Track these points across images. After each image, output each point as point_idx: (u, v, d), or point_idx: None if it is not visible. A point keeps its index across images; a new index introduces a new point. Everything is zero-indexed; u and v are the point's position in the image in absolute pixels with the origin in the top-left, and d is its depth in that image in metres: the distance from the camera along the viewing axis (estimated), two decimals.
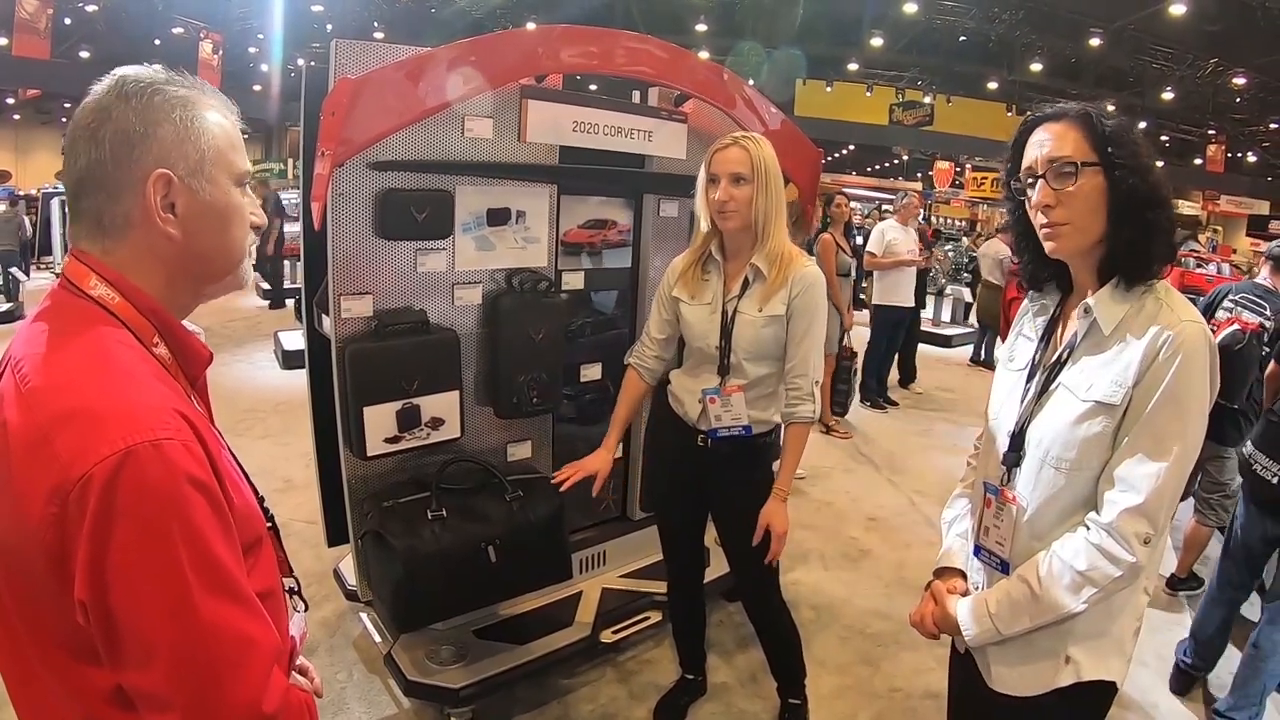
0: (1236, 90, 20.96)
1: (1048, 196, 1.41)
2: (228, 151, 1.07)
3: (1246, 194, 25.94)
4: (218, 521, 0.93)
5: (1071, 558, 1.40)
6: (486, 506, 2.61)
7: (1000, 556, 1.57)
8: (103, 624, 0.88)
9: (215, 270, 1.12)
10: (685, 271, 2.49)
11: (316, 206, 2.43)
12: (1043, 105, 1.50)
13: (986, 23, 19.14)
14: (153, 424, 0.90)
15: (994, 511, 1.59)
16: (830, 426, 6.50)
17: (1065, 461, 1.44)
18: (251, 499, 1.11)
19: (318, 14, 20.12)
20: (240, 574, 0.96)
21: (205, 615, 0.90)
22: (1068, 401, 1.45)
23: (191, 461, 0.91)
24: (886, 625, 3.67)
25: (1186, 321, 1.35)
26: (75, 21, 18.81)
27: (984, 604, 1.53)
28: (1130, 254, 1.40)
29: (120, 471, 0.86)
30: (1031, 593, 1.44)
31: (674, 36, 15.78)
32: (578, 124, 2.90)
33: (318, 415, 2.90)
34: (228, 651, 0.92)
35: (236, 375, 7.43)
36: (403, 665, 2.70)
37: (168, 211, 1.02)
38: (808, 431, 2.44)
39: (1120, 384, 1.37)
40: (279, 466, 5.00)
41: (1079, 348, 1.47)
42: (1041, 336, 1.59)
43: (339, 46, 2.45)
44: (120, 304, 1.01)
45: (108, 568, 0.86)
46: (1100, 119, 1.40)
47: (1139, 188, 1.37)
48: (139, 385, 0.95)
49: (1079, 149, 1.39)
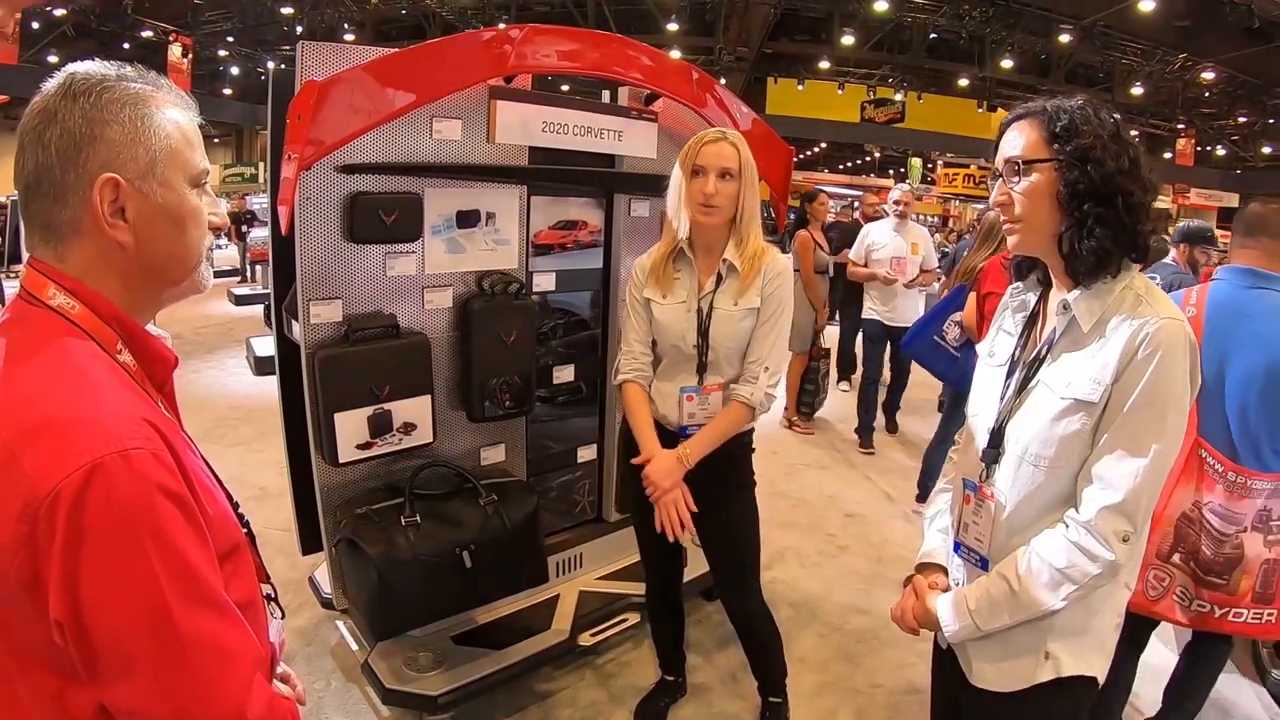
0: (1205, 85, 21.18)
1: (1002, 194, 1.45)
2: (182, 150, 1.03)
3: (1216, 187, 26.23)
4: (192, 531, 0.92)
5: (1050, 555, 1.41)
6: (461, 511, 2.59)
7: (979, 553, 1.58)
8: (80, 642, 0.86)
9: (171, 275, 1.08)
10: (655, 269, 2.46)
11: (284, 211, 2.40)
12: (1016, 102, 1.52)
13: (957, 20, 19.22)
14: (120, 434, 0.88)
15: (973, 508, 1.60)
16: (793, 421, 6.49)
17: (1044, 459, 1.45)
18: (226, 506, 1.09)
19: (287, 16, 19.96)
20: (217, 583, 0.94)
21: (183, 627, 0.89)
22: (1047, 398, 1.45)
23: (162, 471, 0.90)
24: (866, 621, 3.68)
25: (1166, 319, 1.35)
26: (43, 26, 18.59)
27: (963, 600, 1.54)
28: (1077, 250, 1.39)
29: (89, 485, 0.84)
30: (1010, 590, 1.45)
31: (645, 36, 15.79)
32: (547, 124, 2.89)
33: (289, 422, 2.86)
34: (208, 662, 0.91)
35: (208, 382, 7.36)
36: (380, 673, 2.68)
37: (117, 217, 0.98)
38: (742, 415, 2.40)
39: (1099, 381, 1.37)
40: (252, 474, 4.95)
41: (1058, 344, 1.47)
42: (1021, 332, 1.59)
43: (305, 48, 2.42)
44: (81, 313, 0.99)
45: (81, 585, 0.84)
46: (1057, 113, 1.40)
47: (1081, 181, 1.36)
48: (105, 395, 0.93)
49: (1031, 146, 1.41)
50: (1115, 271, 1.41)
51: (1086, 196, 1.37)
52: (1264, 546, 2.35)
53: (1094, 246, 1.37)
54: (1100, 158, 1.36)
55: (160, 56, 18.80)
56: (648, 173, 3.17)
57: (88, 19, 18.58)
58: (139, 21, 19.00)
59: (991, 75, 21.30)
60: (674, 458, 2.35)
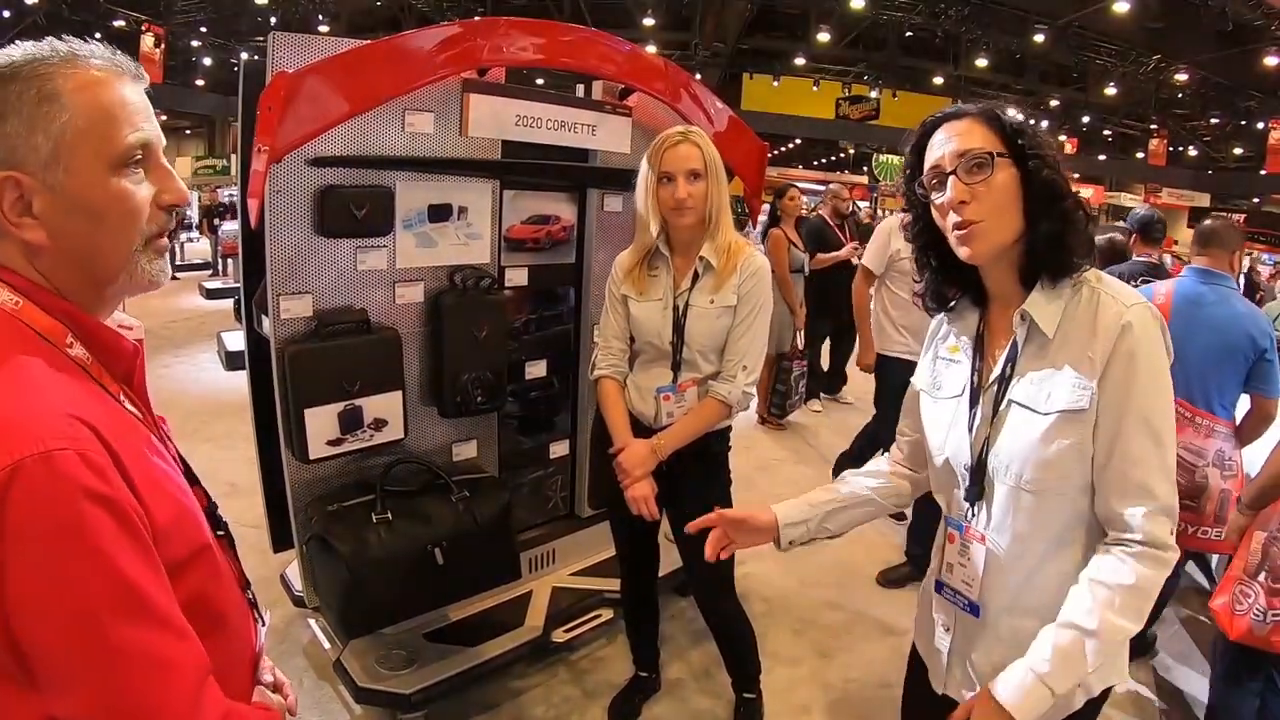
0: (1178, 86, 21.47)
1: (961, 193, 1.30)
2: (99, 127, 0.92)
3: (1188, 187, 26.60)
4: (125, 537, 0.86)
5: (1116, 578, 1.26)
6: (432, 508, 2.58)
7: (968, 597, 1.46)
8: (12, 651, 0.82)
9: (99, 273, 0.99)
10: (631, 270, 2.47)
11: (254, 204, 2.38)
12: (980, 100, 1.44)
13: (932, 18, 19.38)
14: (42, 434, 0.82)
15: (958, 549, 1.48)
16: (763, 417, 6.44)
17: (1041, 482, 1.33)
18: (190, 507, 1.03)
19: (261, 7, 19.79)
20: (157, 592, 0.88)
21: (114, 642, 0.84)
22: (1028, 419, 1.34)
23: (88, 474, 0.83)
24: (839, 616, 3.70)
25: (1132, 305, 1.29)
26: (15, 13, 18.35)
27: (1027, 674, 1.27)
28: (1052, 249, 1.32)
29: (7, 490, 0.79)
30: (1083, 632, 1.26)
31: (621, 31, 15.76)
32: (520, 118, 2.87)
33: (259, 418, 2.84)
34: (145, 678, 0.86)
35: (179, 377, 7.28)
36: (353, 671, 2.66)
37: (25, 215, 0.91)
38: (717, 412, 2.40)
39: (1083, 386, 1.29)
40: (223, 470, 4.89)
41: (1021, 359, 1.37)
42: (973, 356, 1.48)
43: (276, 39, 2.39)
44: (24, 307, 0.93)
45: (6, 593, 0.80)
46: (998, 113, 1.34)
47: (1053, 179, 1.31)
48: (31, 393, 0.87)
49: (988, 141, 1.32)
50: (1080, 268, 1.34)
51: (1058, 194, 1.31)
52: (1220, 480, 3.04)
53: (1072, 244, 1.31)
54: (1050, 156, 1.32)
55: (133, 46, 18.57)
56: (621, 167, 3.15)
57: (59, 7, 18.35)
58: (111, 11, 18.80)
59: (966, 74, 21.49)
60: (648, 447, 2.36)
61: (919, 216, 1.45)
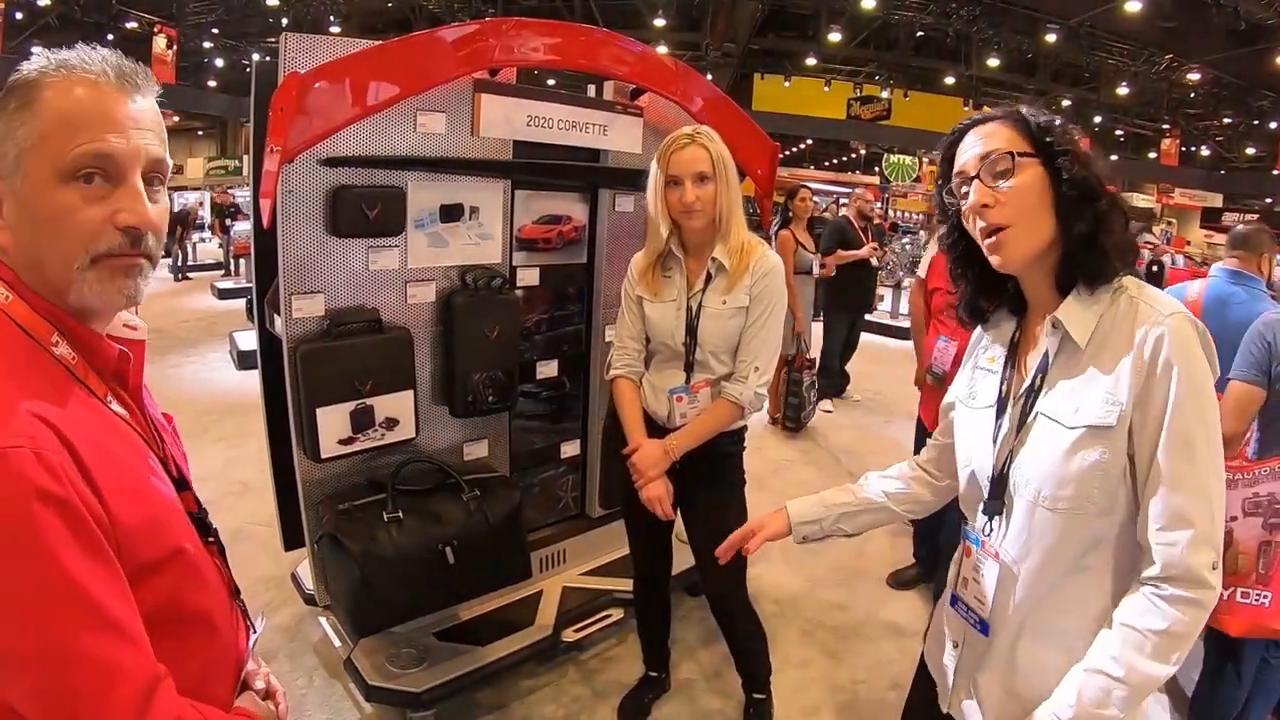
0: (1191, 86, 21.36)
1: (984, 196, 1.26)
2: (56, 135, 0.91)
3: (1200, 187, 26.44)
4: (75, 540, 0.84)
5: (1146, 622, 1.19)
6: (443, 507, 2.58)
7: (979, 614, 1.42)
8: None
9: (53, 283, 0.96)
10: (645, 271, 2.47)
11: (266, 204, 2.39)
12: (1002, 100, 1.40)
13: (944, 18, 19.31)
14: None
15: (973, 563, 1.43)
16: (774, 417, 6.40)
17: (1062, 500, 1.26)
18: (165, 510, 1.02)
19: (273, 8, 19.86)
20: (106, 595, 0.86)
21: (55, 644, 0.83)
22: (1053, 432, 1.27)
23: (42, 473, 0.83)
24: (848, 617, 3.69)
25: (1171, 315, 1.21)
26: (27, 16, 18.45)
27: None
28: (1088, 251, 1.25)
29: None
30: (1110, 680, 1.20)
31: (632, 31, 15.76)
32: (532, 118, 2.87)
33: (271, 417, 2.85)
34: (86, 683, 0.85)
35: (191, 377, 7.32)
36: (363, 670, 2.66)
37: None
38: (730, 413, 2.40)
39: (1114, 401, 1.21)
40: (234, 470, 4.92)
41: (1053, 369, 1.31)
42: (1004, 366, 1.42)
43: (288, 40, 2.40)
44: (13, 302, 0.94)
45: None
46: (1032, 114, 1.29)
47: (1085, 177, 1.24)
48: None
49: (1013, 142, 1.27)
50: (1122, 273, 1.27)
51: (1091, 193, 1.25)
52: None
53: (1111, 246, 1.25)
54: (1083, 154, 1.25)
55: (145, 48, 18.67)
56: (633, 168, 3.16)
57: (72, 9, 18.47)
58: (124, 12, 18.89)
59: (977, 74, 21.42)
60: (661, 448, 2.38)
61: (954, 227, 1.41)
